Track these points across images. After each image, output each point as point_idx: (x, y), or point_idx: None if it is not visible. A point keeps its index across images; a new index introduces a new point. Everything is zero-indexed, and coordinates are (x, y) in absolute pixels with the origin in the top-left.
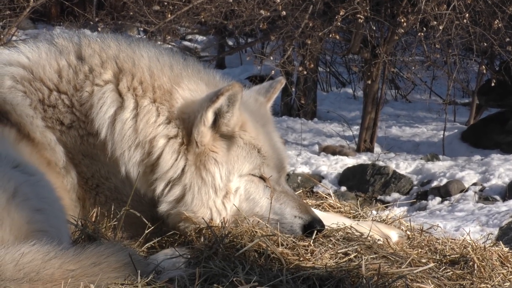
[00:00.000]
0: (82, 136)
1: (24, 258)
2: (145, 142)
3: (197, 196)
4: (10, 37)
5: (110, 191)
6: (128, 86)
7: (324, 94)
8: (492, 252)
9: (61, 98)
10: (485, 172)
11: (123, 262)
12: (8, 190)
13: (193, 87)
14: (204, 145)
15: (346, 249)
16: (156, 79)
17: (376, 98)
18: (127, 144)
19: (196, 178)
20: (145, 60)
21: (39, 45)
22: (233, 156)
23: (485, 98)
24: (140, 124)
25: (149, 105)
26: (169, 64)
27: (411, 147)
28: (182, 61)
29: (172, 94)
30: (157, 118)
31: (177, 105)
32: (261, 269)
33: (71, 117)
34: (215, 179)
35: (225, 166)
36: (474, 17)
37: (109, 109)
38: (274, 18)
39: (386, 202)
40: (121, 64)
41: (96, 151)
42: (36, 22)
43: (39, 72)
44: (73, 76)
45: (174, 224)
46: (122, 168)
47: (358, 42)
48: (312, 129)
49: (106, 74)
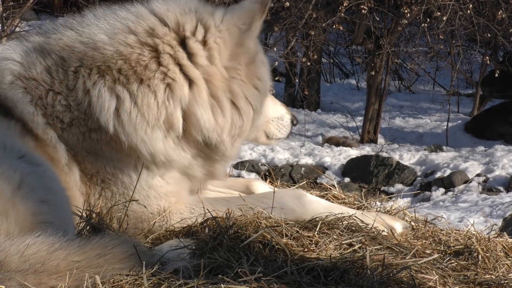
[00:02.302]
0: (83, 133)
1: (29, 250)
2: (159, 124)
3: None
4: (14, 28)
5: (117, 186)
6: (113, 79)
7: (327, 85)
8: (496, 243)
9: (58, 98)
10: (489, 163)
11: (128, 253)
12: (13, 181)
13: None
14: (252, 56)
15: (351, 240)
16: (127, 56)
17: (379, 89)
18: (143, 130)
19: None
20: (106, 42)
21: (23, 42)
22: (265, 65)
23: (488, 89)
24: (143, 109)
25: (139, 89)
26: (125, 28)
27: (415, 138)
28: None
29: (159, 51)
30: (155, 96)
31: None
32: (265, 260)
33: (70, 115)
34: (266, 82)
35: (267, 74)
36: (477, 8)
37: (110, 104)
38: (277, 9)
39: (390, 193)
40: (93, 58)
41: (100, 147)
42: (40, 13)
43: (32, 70)
44: (63, 76)
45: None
46: (144, 151)
47: (361, 33)
48: (315, 120)
49: (92, 72)
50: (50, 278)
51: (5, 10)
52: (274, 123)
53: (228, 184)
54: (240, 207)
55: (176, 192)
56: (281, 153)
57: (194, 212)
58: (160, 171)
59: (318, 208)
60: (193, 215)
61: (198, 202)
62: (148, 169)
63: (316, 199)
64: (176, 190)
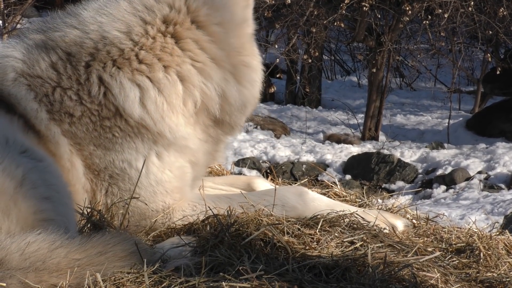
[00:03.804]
0: (95, 122)
1: (30, 247)
2: (183, 112)
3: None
4: (15, 25)
5: (124, 182)
6: (132, 70)
7: (328, 82)
8: (498, 240)
9: (67, 94)
10: (490, 160)
11: (129, 251)
12: (16, 177)
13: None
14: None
15: (352, 238)
16: (150, 45)
17: (381, 86)
18: (168, 117)
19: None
20: (121, 37)
21: (22, 39)
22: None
23: (490, 86)
24: (170, 97)
25: (164, 77)
26: (139, 21)
27: (416, 136)
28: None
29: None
30: (182, 83)
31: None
32: (267, 257)
33: (81, 108)
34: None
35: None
36: (479, 5)
37: (135, 93)
38: (278, 6)
39: (391, 190)
40: (106, 50)
41: (110, 134)
42: (41, 10)
43: (36, 67)
44: (72, 71)
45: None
46: (168, 135)
47: (363, 30)
48: (316, 117)
49: (106, 65)
50: (51, 276)
51: (6, 7)
52: None
53: (229, 181)
54: (242, 204)
55: (180, 188)
56: (282, 150)
57: (196, 210)
58: (170, 159)
59: (320, 206)
60: (195, 212)
61: (200, 199)
62: (160, 158)
63: (318, 196)
64: (181, 185)
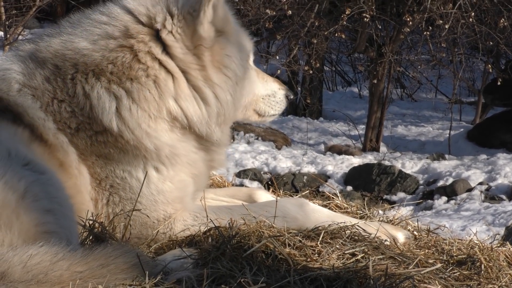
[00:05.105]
0: (90, 136)
1: (32, 260)
2: (162, 116)
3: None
4: (17, 37)
5: (125, 191)
6: (108, 80)
7: (329, 93)
8: (499, 252)
9: (63, 106)
10: (491, 171)
11: (131, 263)
12: (18, 190)
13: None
14: (210, 41)
15: (353, 250)
16: (113, 60)
17: (381, 97)
18: (145, 123)
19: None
20: (94, 49)
21: (17, 52)
22: (235, 47)
23: (491, 97)
24: (142, 103)
25: (132, 86)
26: (103, 32)
27: (417, 146)
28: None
29: (135, 49)
30: (149, 91)
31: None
32: (268, 270)
33: (76, 120)
34: (236, 67)
35: (237, 56)
36: (480, 16)
37: (111, 104)
38: (280, 17)
39: (392, 201)
40: (85, 63)
41: (108, 150)
42: (42, 21)
43: (34, 80)
44: (63, 85)
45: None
46: (149, 145)
47: (363, 41)
48: (318, 128)
49: (88, 77)
50: None
51: (8, 18)
52: (265, 101)
53: (230, 193)
54: (243, 216)
55: (182, 198)
56: (284, 162)
57: (198, 220)
58: (169, 173)
59: (321, 217)
60: (197, 222)
61: (202, 210)
62: (159, 172)
63: (319, 208)
64: (182, 196)
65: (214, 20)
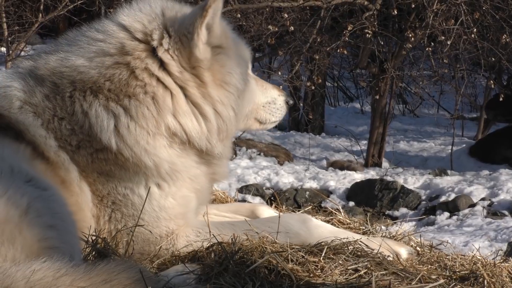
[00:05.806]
0: (91, 154)
1: (35, 275)
2: (161, 132)
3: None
4: (19, 53)
5: (127, 208)
6: (106, 98)
7: (332, 109)
8: (502, 268)
9: (63, 123)
10: (494, 187)
11: (134, 279)
12: (21, 206)
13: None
14: (208, 61)
15: (356, 265)
16: (110, 77)
17: (384, 113)
18: (144, 140)
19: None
20: (90, 67)
21: (17, 69)
22: (234, 61)
23: (493, 112)
24: (140, 120)
25: (130, 103)
26: (99, 50)
27: (419, 162)
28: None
29: (130, 66)
30: (147, 107)
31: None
32: (271, 285)
33: (76, 138)
34: (236, 82)
35: (237, 71)
36: (482, 32)
37: (109, 122)
38: (282, 33)
39: (394, 217)
40: (83, 81)
41: (109, 167)
42: (44, 37)
43: (34, 98)
44: (62, 103)
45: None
46: (148, 162)
47: (366, 57)
48: (320, 144)
49: (86, 94)
50: None
51: (10, 34)
52: (265, 108)
53: (233, 208)
54: (246, 232)
55: (184, 214)
56: (286, 177)
57: (200, 235)
58: (171, 189)
59: (324, 233)
60: (199, 238)
61: (204, 225)
62: (160, 188)
63: (322, 223)
64: (185, 211)
65: (210, 40)
